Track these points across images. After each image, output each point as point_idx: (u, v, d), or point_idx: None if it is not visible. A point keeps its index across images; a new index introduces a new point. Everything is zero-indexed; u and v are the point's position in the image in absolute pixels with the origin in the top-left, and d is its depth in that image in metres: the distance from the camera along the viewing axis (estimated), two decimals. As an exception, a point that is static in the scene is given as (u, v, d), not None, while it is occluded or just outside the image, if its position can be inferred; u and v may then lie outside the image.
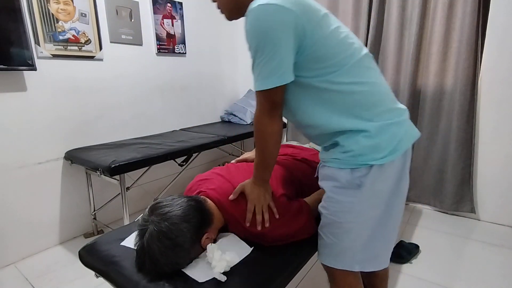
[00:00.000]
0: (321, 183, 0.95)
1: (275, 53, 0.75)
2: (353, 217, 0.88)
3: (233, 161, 1.25)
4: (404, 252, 1.70)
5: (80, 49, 1.96)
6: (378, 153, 0.83)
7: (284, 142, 2.04)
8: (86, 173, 2.02)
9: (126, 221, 1.78)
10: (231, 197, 0.97)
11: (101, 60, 2.09)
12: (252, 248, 0.94)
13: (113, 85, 2.18)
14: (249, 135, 2.53)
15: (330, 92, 0.83)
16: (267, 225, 0.94)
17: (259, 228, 0.94)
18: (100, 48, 2.06)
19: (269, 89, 0.80)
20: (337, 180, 0.88)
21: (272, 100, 0.84)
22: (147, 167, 1.88)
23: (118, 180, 1.74)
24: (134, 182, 1.98)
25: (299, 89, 0.85)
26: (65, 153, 1.94)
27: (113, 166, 1.61)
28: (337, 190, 0.89)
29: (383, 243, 0.94)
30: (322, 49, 0.79)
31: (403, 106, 0.92)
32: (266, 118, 0.86)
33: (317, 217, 0.98)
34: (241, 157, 1.27)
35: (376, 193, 0.87)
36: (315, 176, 1.02)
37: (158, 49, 2.44)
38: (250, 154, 1.24)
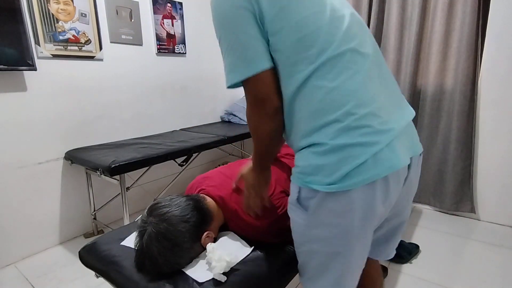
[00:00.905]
0: None
1: (236, 41, 0.68)
2: (303, 241, 0.78)
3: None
4: (404, 252, 1.70)
5: (80, 49, 1.96)
6: (326, 177, 0.67)
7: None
8: (86, 173, 2.02)
9: (126, 221, 1.78)
10: (233, 185, 0.97)
11: (101, 60, 2.09)
12: (252, 247, 0.94)
13: (113, 85, 2.18)
14: (249, 135, 2.51)
15: (295, 94, 0.71)
16: (258, 212, 0.90)
17: (251, 214, 0.90)
18: (100, 48, 2.06)
19: (245, 82, 0.70)
20: (291, 194, 0.78)
21: (254, 94, 0.72)
22: (147, 167, 1.88)
23: (118, 180, 1.74)
24: (134, 182, 1.98)
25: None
26: (65, 153, 1.94)
27: (113, 166, 1.61)
28: (290, 205, 0.79)
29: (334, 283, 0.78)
30: (285, 42, 0.67)
31: (392, 126, 0.69)
32: (254, 116, 0.75)
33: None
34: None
35: (325, 225, 0.72)
36: None
37: (158, 49, 2.44)
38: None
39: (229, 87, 0.73)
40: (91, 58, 2.03)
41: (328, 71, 0.67)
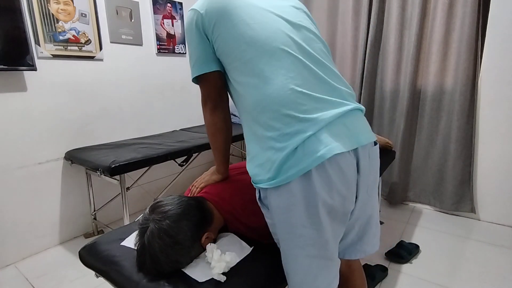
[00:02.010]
0: None
1: (191, 49, 0.87)
2: (276, 239, 0.83)
3: None
4: (404, 252, 1.70)
5: (80, 49, 1.96)
6: (266, 173, 0.74)
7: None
8: (86, 173, 2.03)
9: (126, 221, 1.78)
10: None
11: (101, 60, 2.09)
12: (252, 247, 0.94)
13: (113, 85, 2.18)
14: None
15: (235, 91, 0.84)
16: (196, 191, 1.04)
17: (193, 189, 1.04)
18: (100, 48, 2.07)
19: (196, 80, 0.89)
20: (256, 196, 0.84)
21: (202, 92, 0.91)
22: (147, 167, 1.88)
23: (118, 180, 1.74)
24: (134, 182, 1.98)
25: (229, 88, 0.89)
26: (65, 153, 1.94)
27: (113, 166, 1.61)
28: (261, 208, 0.84)
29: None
30: (222, 45, 0.80)
31: (317, 115, 0.72)
32: (203, 108, 0.94)
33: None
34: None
35: (279, 222, 0.77)
36: None
37: (158, 49, 2.44)
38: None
39: (193, 81, 0.91)
40: (91, 58, 2.03)
41: (251, 68, 0.76)
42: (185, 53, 2.67)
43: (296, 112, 0.72)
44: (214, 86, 0.89)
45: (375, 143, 0.85)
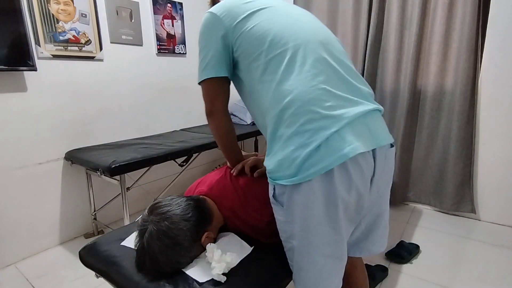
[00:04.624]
0: None
1: (203, 52, 0.87)
2: (286, 237, 0.82)
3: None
4: (405, 252, 1.70)
5: (80, 49, 1.96)
6: (287, 170, 0.73)
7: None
8: (87, 173, 2.03)
9: (127, 221, 1.78)
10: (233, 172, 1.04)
11: (101, 60, 2.09)
12: (253, 247, 0.94)
13: (113, 85, 2.18)
14: (249, 135, 2.52)
15: (256, 91, 0.83)
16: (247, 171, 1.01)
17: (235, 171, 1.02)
18: (101, 49, 2.07)
19: (202, 83, 0.89)
20: (269, 193, 0.83)
21: (205, 96, 0.92)
22: (147, 168, 1.88)
23: (118, 180, 1.74)
24: (134, 183, 1.98)
25: (243, 90, 0.90)
26: (65, 154, 1.94)
27: (113, 166, 1.61)
28: (271, 204, 0.83)
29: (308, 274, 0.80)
30: (243, 45, 0.81)
31: (340, 113, 0.72)
32: (207, 115, 0.95)
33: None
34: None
35: (297, 219, 0.76)
36: None
37: (158, 49, 2.44)
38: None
39: (199, 83, 0.91)
40: (91, 58, 2.03)
41: (274, 66, 0.77)
42: (185, 53, 2.67)
43: (320, 108, 0.72)
44: (215, 91, 0.91)
45: (392, 145, 0.85)
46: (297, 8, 0.89)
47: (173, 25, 2.53)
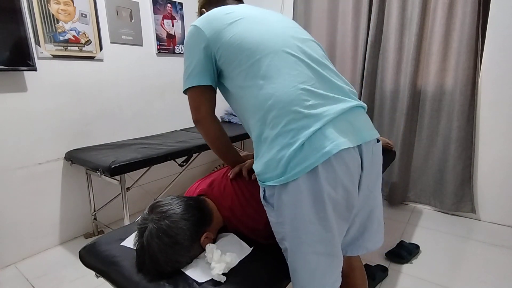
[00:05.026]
0: None
1: (187, 63, 0.92)
2: (279, 239, 0.83)
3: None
4: (405, 252, 1.70)
5: (80, 49, 1.96)
6: (273, 170, 0.74)
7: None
8: (87, 173, 2.03)
9: (127, 222, 1.78)
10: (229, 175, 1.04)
11: (101, 60, 2.09)
12: (252, 248, 0.94)
13: (113, 85, 2.19)
14: (247, 135, 2.52)
15: (237, 97, 0.86)
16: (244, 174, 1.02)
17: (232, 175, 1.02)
18: (101, 49, 2.07)
19: (187, 92, 0.94)
20: (260, 195, 0.84)
21: (190, 104, 0.95)
22: (147, 168, 1.88)
23: (118, 180, 1.74)
24: (134, 183, 1.98)
25: (229, 96, 0.92)
26: (65, 154, 1.94)
27: (113, 166, 1.61)
28: (264, 206, 0.84)
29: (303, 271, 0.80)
30: (224, 54, 0.84)
31: (322, 111, 0.74)
32: (194, 122, 0.98)
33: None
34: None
35: (287, 219, 0.76)
36: None
37: (158, 49, 2.44)
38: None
39: (184, 92, 0.96)
40: (91, 58, 2.03)
41: (256, 70, 0.79)
42: (185, 53, 2.67)
43: (301, 108, 0.73)
44: (200, 100, 0.94)
45: (378, 140, 0.86)
46: (274, 15, 0.91)
47: (173, 25, 2.53)
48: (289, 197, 0.74)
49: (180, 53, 2.62)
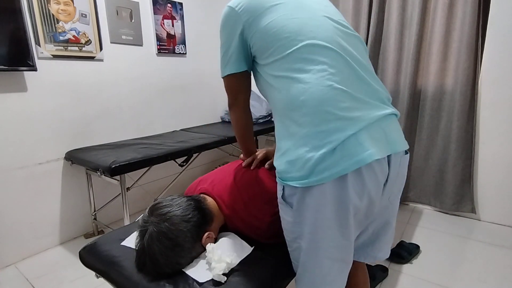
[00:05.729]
0: None
1: (223, 47, 0.89)
2: (293, 238, 0.80)
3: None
4: (405, 252, 1.70)
5: (80, 49, 1.96)
6: (298, 171, 0.71)
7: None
8: (87, 173, 2.03)
9: (127, 222, 1.78)
10: (244, 164, 1.07)
11: (102, 60, 2.09)
12: (253, 247, 0.94)
13: (113, 85, 2.18)
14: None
15: (269, 87, 0.81)
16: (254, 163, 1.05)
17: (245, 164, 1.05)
18: (101, 49, 2.07)
19: (224, 78, 0.92)
20: (277, 193, 0.81)
21: (227, 90, 0.95)
22: (147, 168, 1.88)
23: (118, 180, 1.74)
24: (134, 183, 1.98)
25: (260, 81, 0.88)
26: (65, 154, 1.94)
27: (113, 166, 1.61)
28: (279, 204, 0.81)
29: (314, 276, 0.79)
30: (258, 42, 0.80)
31: (358, 115, 0.70)
32: (229, 106, 0.99)
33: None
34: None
35: (307, 220, 0.74)
36: None
37: (158, 49, 2.44)
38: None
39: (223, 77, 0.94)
40: (92, 58, 2.03)
41: (290, 63, 0.75)
42: (185, 54, 2.67)
43: (335, 109, 0.69)
44: (237, 86, 0.93)
45: (406, 152, 0.83)
46: (316, 2, 0.83)
47: (173, 25, 2.53)
48: (313, 200, 0.71)
49: (180, 53, 2.62)
